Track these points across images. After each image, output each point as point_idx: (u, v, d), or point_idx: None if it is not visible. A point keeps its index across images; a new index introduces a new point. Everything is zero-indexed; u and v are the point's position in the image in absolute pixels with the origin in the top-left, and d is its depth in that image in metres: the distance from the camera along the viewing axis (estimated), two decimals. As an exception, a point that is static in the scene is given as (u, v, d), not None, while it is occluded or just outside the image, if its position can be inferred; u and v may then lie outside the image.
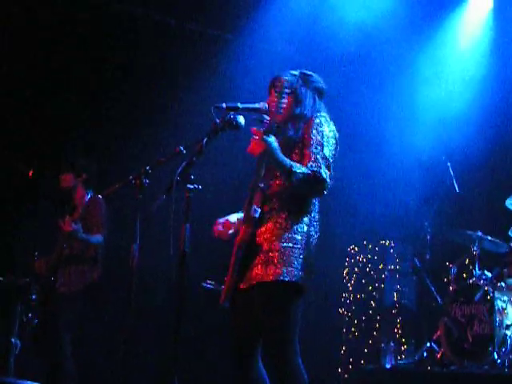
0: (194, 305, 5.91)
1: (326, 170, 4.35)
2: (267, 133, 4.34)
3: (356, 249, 8.90)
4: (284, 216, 4.42)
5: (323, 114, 4.55)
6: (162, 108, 8.73)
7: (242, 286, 4.46)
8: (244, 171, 4.88)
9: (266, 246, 4.41)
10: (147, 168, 4.87)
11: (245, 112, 4.50)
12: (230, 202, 5.04)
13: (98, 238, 7.23)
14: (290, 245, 4.38)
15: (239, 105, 4.50)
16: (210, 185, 4.62)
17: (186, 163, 4.37)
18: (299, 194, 4.45)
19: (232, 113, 4.44)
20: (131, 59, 8.72)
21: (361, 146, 8.68)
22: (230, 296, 4.51)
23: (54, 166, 7.69)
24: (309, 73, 4.73)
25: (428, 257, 8.14)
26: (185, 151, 4.51)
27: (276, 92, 4.63)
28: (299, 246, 4.40)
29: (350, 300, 8.74)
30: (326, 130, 4.47)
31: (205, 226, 5.04)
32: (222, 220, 4.76)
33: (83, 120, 8.64)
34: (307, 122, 4.51)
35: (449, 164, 8.07)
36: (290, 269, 4.33)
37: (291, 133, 4.54)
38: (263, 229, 4.45)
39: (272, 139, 4.32)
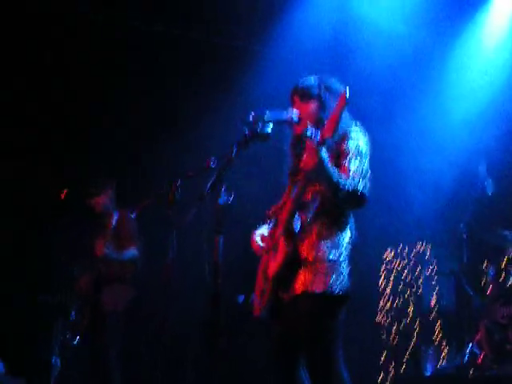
0: (229, 315, 5.91)
1: (365, 184, 4.34)
2: (320, 145, 4.22)
3: (392, 253, 8.85)
4: (324, 225, 4.40)
5: (357, 127, 4.52)
6: (191, 119, 8.75)
7: (285, 296, 4.45)
8: (275, 181, 4.85)
9: (310, 257, 4.38)
10: (178, 182, 4.88)
11: (273, 121, 4.49)
12: (261, 212, 5.00)
13: (131, 252, 7.28)
14: (336, 256, 4.36)
15: (267, 114, 4.49)
16: (241, 196, 4.58)
17: (217, 175, 4.37)
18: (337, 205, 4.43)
19: (260, 123, 4.43)
20: (158, 74, 8.75)
21: (394, 149, 8.63)
22: (269, 306, 4.51)
23: (81, 182, 7.75)
24: (328, 77, 4.71)
25: (465, 259, 8.05)
26: (215, 163, 4.51)
27: (299, 99, 4.63)
28: (343, 256, 4.39)
29: (388, 306, 8.69)
30: (362, 143, 4.44)
31: (237, 238, 5.04)
32: (258, 232, 4.75)
33: (113, 132, 8.70)
34: (342, 132, 4.47)
35: (483, 164, 8.00)
36: (338, 279, 4.33)
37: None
38: (305, 239, 4.43)
39: (324, 152, 4.22)
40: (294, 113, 4.57)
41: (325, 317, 4.36)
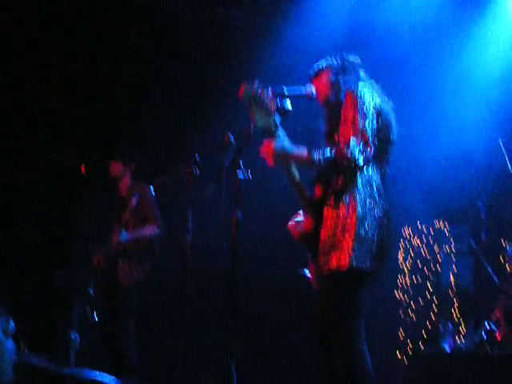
0: (246, 292, 5.92)
1: (359, 146, 4.28)
2: (269, 136, 4.28)
3: (410, 231, 8.83)
4: (331, 202, 4.42)
5: (363, 86, 4.50)
6: (209, 96, 8.75)
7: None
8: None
9: (324, 234, 4.42)
10: (197, 157, 4.89)
11: (291, 96, 4.48)
12: (280, 188, 5.01)
13: (150, 230, 7.28)
14: (340, 231, 4.35)
15: (285, 90, 4.48)
16: (259, 171, 4.58)
17: (235, 150, 4.37)
18: (337, 177, 4.41)
19: (278, 98, 4.43)
20: (179, 50, 8.74)
21: (413, 128, 8.58)
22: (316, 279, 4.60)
23: (104, 158, 7.77)
24: (341, 53, 4.76)
25: (483, 237, 8.02)
26: (233, 139, 4.51)
27: (314, 78, 4.67)
28: (355, 231, 4.34)
29: (406, 283, 8.68)
30: (363, 102, 4.39)
31: (255, 213, 5.04)
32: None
33: (133, 111, 8.71)
34: (348, 91, 4.47)
35: (501, 142, 7.94)
36: (354, 256, 4.30)
37: (332, 99, 4.57)
38: (323, 216, 4.46)
39: (279, 144, 4.27)
40: (312, 87, 4.60)
41: (342, 293, 4.38)
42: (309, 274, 4.64)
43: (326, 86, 4.62)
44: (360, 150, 4.28)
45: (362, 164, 4.30)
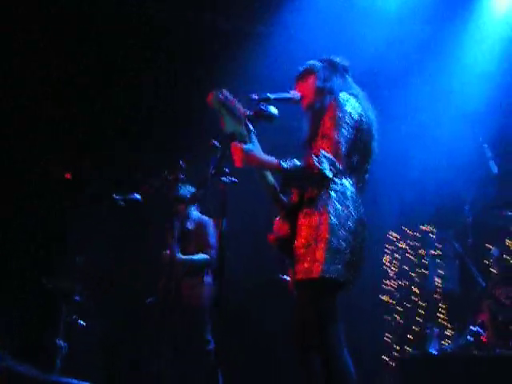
0: (235, 298, 5.92)
1: (329, 158, 4.27)
2: (240, 140, 4.30)
3: (396, 235, 8.86)
4: (305, 210, 4.41)
5: (343, 93, 4.49)
6: (194, 102, 8.73)
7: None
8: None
9: (298, 242, 4.41)
10: (181, 163, 4.89)
11: (276, 102, 4.49)
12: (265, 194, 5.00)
13: (203, 256, 7.28)
14: (313, 240, 4.32)
15: (270, 95, 4.49)
16: (245, 177, 4.57)
17: (220, 156, 4.36)
18: (302, 187, 4.43)
19: (263, 104, 4.43)
20: (165, 57, 8.74)
21: (398, 131, 8.62)
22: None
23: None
24: (329, 56, 4.76)
25: (469, 240, 8.04)
26: (218, 145, 4.51)
27: (300, 81, 4.66)
28: (328, 241, 4.29)
29: (392, 287, 8.70)
30: (340, 111, 4.38)
31: (241, 219, 5.04)
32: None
33: (121, 112, 8.74)
34: (332, 98, 4.47)
35: (486, 145, 7.98)
36: (316, 265, 4.28)
37: (317, 105, 4.54)
38: (297, 223, 4.46)
39: (248, 146, 4.28)
40: (296, 92, 4.61)
41: (315, 302, 4.36)
42: (288, 278, 4.64)
43: (311, 91, 4.60)
44: (330, 163, 4.25)
45: (330, 176, 4.27)
